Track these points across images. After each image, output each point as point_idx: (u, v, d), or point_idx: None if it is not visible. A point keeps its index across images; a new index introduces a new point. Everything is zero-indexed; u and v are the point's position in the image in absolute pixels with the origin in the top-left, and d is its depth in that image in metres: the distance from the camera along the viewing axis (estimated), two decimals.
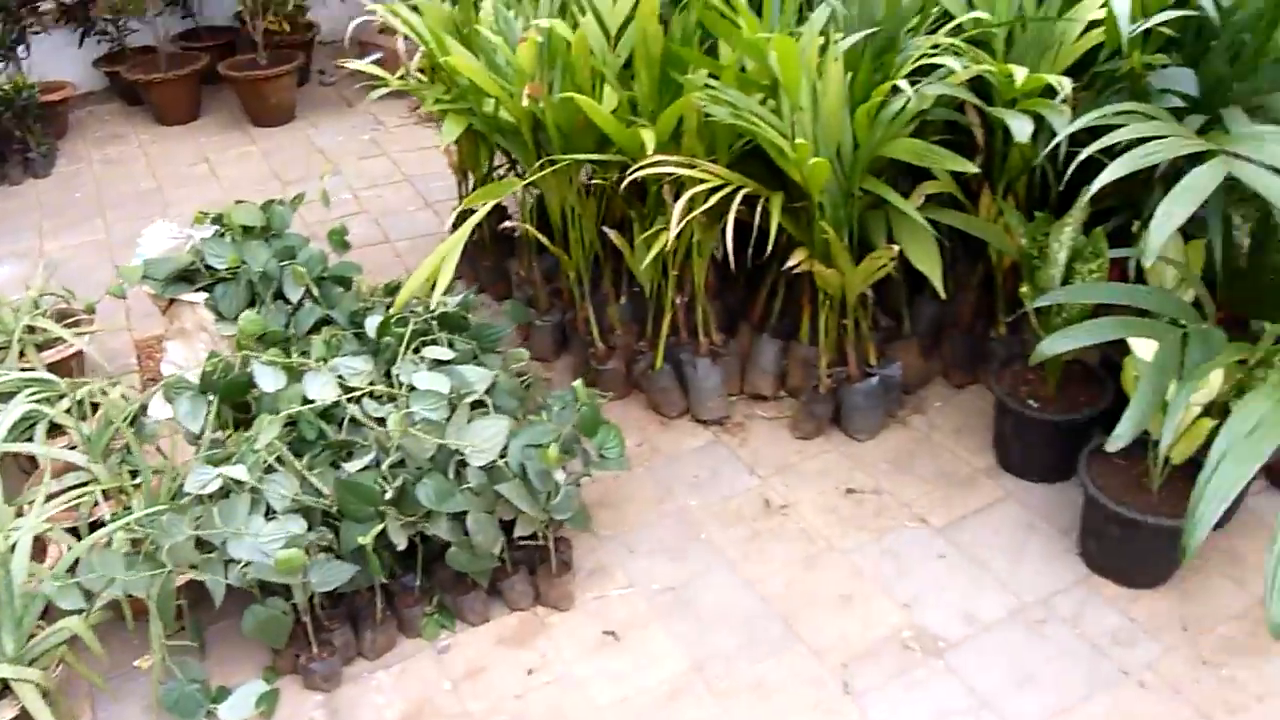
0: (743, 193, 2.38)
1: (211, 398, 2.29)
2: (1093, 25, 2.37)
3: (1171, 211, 1.80)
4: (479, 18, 2.90)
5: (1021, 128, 2.09)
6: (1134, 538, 2.16)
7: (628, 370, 2.96)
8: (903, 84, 2.13)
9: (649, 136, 2.31)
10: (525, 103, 2.46)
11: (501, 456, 2.13)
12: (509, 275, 3.42)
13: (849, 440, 2.75)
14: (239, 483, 2.04)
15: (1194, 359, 2.07)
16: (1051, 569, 2.31)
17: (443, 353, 2.37)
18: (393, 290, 2.75)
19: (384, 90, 2.94)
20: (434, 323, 2.49)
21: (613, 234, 2.71)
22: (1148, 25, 2.17)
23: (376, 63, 3.07)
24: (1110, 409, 2.41)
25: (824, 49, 2.34)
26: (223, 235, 2.73)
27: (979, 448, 2.69)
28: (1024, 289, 2.35)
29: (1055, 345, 2.06)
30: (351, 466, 2.13)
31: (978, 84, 2.38)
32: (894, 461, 2.66)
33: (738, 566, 2.38)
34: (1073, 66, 2.41)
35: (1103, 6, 2.35)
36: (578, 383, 2.28)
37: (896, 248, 2.37)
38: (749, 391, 2.94)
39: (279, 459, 2.11)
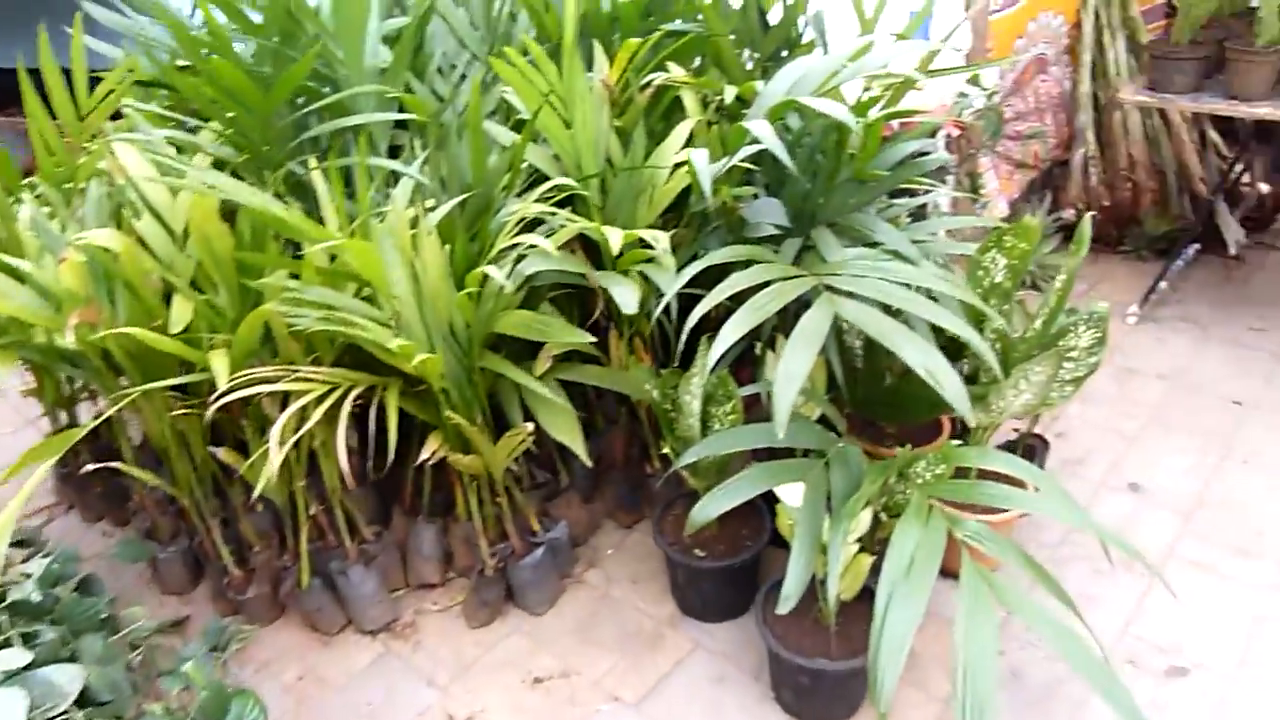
0: (355, 391, 1.98)
1: None
2: (680, 166, 2.20)
3: (792, 371, 1.59)
4: (19, 230, 2.32)
5: (626, 298, 1.84)
6: (821, 682, 1.94)
7: (274, 590, 2.44)
8: (491, 270, 1.82)
9: (220, 361, 1.85)
10: (70, 336, 1.92)
11: None
12: (128, 496, 2.78)
13: (528, 616, 2.38)
14: None
15: (838, 486, 1.90)
16: None
17: (17, 656, 1.79)
18: None
19: None
20: (3, 617, 1.90)
21: (222, 453, 2.21)
22: (729, 165, 2.00)
23: None
24: (773, 539, 2.22)
25: (416, 221, 2.00)
26: None
27: (658, 594, 2.41)
28: (666, 445, 2.11)
29: (706, 512, 1.82)
30: None
31: (584, 237, 2.13)
32: (578, 632, 2.33)
33: None
34: (670, 206, 2.23)
35: (685, 148, 2.19)
36: (189, 665, 1.77)
37: (531, 425, 2.06)
38: (415, 582, 2.51)
39: None
